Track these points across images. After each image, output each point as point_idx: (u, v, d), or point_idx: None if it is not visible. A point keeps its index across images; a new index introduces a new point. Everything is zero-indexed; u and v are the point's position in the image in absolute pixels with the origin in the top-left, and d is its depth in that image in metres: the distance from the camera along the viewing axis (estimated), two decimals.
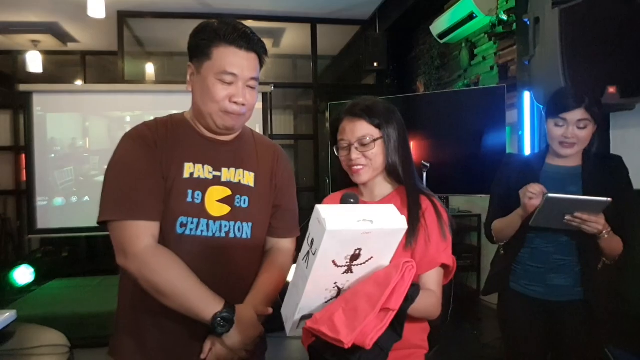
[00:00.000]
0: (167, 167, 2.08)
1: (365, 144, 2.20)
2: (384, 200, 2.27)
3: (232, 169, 2.22)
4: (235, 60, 2.08)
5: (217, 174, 2.18)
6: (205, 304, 1.95)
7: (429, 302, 2.03)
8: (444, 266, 2.14)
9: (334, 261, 1.53)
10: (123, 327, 2.21)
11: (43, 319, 4.76)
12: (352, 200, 1.87)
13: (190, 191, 2.09)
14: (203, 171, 2.14)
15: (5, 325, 3.13)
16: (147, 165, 2.08)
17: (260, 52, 2.18)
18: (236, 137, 2.30)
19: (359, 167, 2.24)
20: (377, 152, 2.21)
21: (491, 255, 3.43)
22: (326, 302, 1.67)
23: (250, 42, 2.12)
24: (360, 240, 1.51)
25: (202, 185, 2.12)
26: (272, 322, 2.02)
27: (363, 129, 2.20)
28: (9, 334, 3.13)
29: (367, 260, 1.58)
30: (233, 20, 2.16)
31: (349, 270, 1.59)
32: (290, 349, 6.01)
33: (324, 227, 1.43)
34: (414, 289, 1.66)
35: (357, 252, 1.54)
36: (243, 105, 2.12)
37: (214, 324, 1.91)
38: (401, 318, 1.63)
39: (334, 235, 1.45)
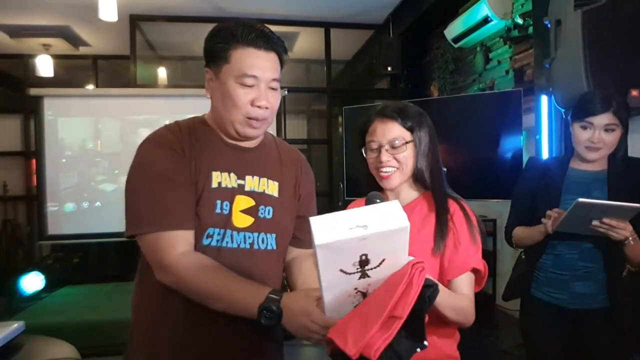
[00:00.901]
0: (196, 174, 2.02)
1: (396, 147, 2.17)
2: (410, 206, 2.23)
3: (256, 178, 2.15)
4: (255, 62, 2.00)
5: (242, 182, 2.12)
6: (250, 296, 1.82)
7: (461, 304, 2.01)
8: (475, 271, 2.12)
9: (342, 270, 1.49)
10: (138, 344, 2.13)
11: (53, 328, 4.73)
12: (377, 201, 1.84)
13: (219, 202, 2.03)
14: (230, 180, 2.08)
15: (14, 337, 3.08)
16: (178, 173, 2.00)
17: (280, 51, 2.10)
18: (259, 144, 2.24)
19: (389, 171, 2.20)
20: (408, 156, 2.18)
21: (507, 260, 3.40)
22: (355, 306, 1.61)
23: (270, 42, 2.04)
24: (360, 246, 1.45)
25: (230, 194, 2.06)
26: (288, 330, 1.93)
27: (395, 131, 2.18)
28: (17, 346, 3.09)
29: (380, 263, 1.52)
30: (250, 21, 2.08)
31: (364, 275, 1.53)
32: (306, 356, 5.96)
33: (314, 242, 1.41)
34: (432, 290, 1.58)
35: (364, 257, 1.48)
36: (267, 108, 2.04)
37: (260, 317, 1.78)
38: (418, 324, 1.53)
39: (326, 248, 1.42)
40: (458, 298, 2.03)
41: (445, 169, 4.27)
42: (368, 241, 1.43)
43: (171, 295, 1.98)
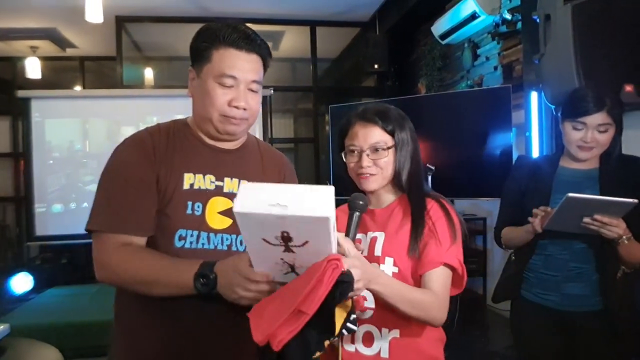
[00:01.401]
0: (166, 177, 2.02)
1: (378, 152, 2.13)
2: (389, 208, 2.22)
3: (235, 180, 2.16)
4: (235, 63, 2.02)
5: (220, 184, 2.13)
6: (185, 270, 1.85)
7: (419, 298, 1.91)
8: (451, 269, 2.03)
9: (264, 239, 1.52)
10: (121, 352, 2.16)
11: (39, 330, 4.70)
12: (360, 202, 1.89)
13: (190, 203, 2.04)
14: (204, 181, 2.09)
15: None
16: (139, 174, 2.02)
17: (263, 54, 2.12)
18: (241, 145, 2.25)
19: (368, 175, 2.15)
20: (389, 161, 2.14)
21: (498, 259, 3.38)
22: (286, 274, 1.65)
23: (252, 43, 2.05)
24: (280, 223, 1.46)
25: (203, 196, 2.07)
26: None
27: (376, 135, 2.13)
28: (1, 349, 3.06)
29: (303, 244, 1.52)
30: (235, 22, 2.10)
31: (289, 249, 1.55)
32: None
33: (233, 206, 1.46)
34: (345, 286, 1.56)
35: (285, 234, 1.49)
36: (244, 109, 2.05)
37: (195, 285, 1.81)
38: (327, 318, 1.56)
39: (244, 216, 1.46)
40: (414, 291, 1.95)
41: (433, 168, 4.21)
42: (287, 221, 1.44)
43: (148, 306, 2.01)
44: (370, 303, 2.05)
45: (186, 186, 2.05)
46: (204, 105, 2.06)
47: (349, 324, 1.64)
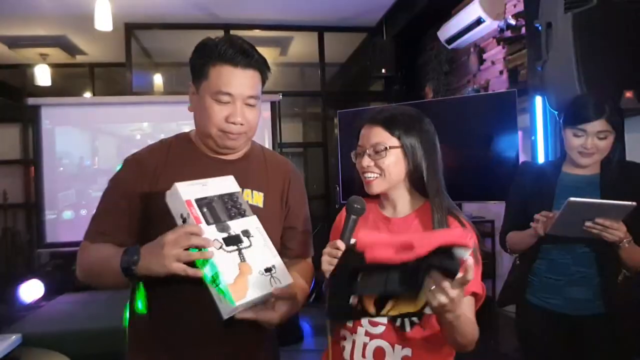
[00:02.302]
0: (162, 193, 2.02)
1: (378, 152, 2.08)
2: (408, 219, 2.16)
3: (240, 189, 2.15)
4: (231, 79, 2.06)
5: None
6: (115, 255, 1.92)
7: (468, 324, 1.90)
8: (474, 294, 2.01)
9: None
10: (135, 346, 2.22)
11: (51, 336, 4.73)
12: (357, 205, 1.96)
13: None
14: None
15: (10, 350, 3.10)
16: (130, 192, 2.12)
17: (261, 68, 2.15)
18: (244, 155, 2.29)
19: (371, 177, 2.12)
20: (390, 162, 2.08)
21: (506, 261, 3.39)
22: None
23: (248, 59, 2.08)
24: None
25: None
26: (287, 336, 1.99)
27: (377, 136, 2.09)
28: (14, 359, 3.09)
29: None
30: (233, 36, 2.14)
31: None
32: None
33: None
34: (449, 261, 1.53)
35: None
36: (242, 124, 2.09)
37: (122, 266, 1.88)
38: (414, 278, 1.53)
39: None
40: (469, 321, 1.91)
41: None
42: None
43: (158, 300, 2.11)
44: (381, 318, 1.98)
45: None
46: (203, 121, 2.10)
47: (408, 318, 1.78)
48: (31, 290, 7.63)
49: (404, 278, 1.53)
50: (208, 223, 1.86)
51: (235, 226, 1.91)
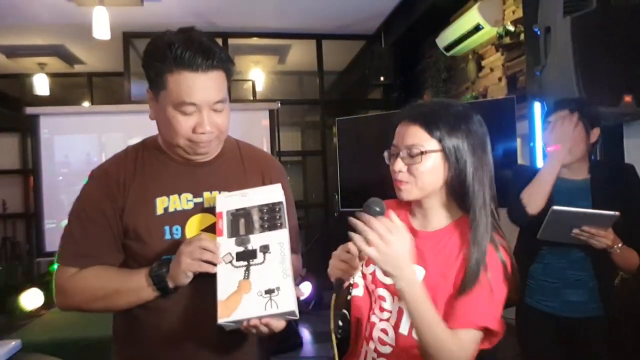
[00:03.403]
0: (135, 206, 1.98)
1: (413, 155, 1.78)
2: (438, 234, 1.87)
3: (215, 192, 2.05)
4: (192, 88, 1.85)
5: (199, 200, 2.05)
6: (138, 272, 1.91)
7: (441, 336, 1.65)
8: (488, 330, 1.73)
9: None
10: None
11: (51, 345, 4.72)
12: (376, 208, 1.66)
13: (167, 227, 1.99)
14: (180, 202, 2.02)
15: (10, 356, 3.09)
16: (98, 207, 2.00)
17: (224, 66, 1.94)
18: (218, 154, 2.13)
19: (402, 182, 1.83)
20: (426, 169, 1.78)
21: None
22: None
23: (209, 59, 1.87)
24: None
25: (180, 218, 2.01)
26: (286, 343, 1.97)
27: (414, 137, 1.79)
28: None
29: None
30: (188, 32, 1.96)
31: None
32: None
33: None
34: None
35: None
36: (211, 132, 1.93)
37: (152, 278, 1.86)
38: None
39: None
40: (444, 328, 1.67)
41: None
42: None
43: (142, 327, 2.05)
44: (390, 339, 1.82)
45: (159, 211, 1.99)
46: (169, 133, 1.95)
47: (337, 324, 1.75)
48: (31, 300, 7.64)
49: None
50: (229, 236, 1.85)
51: (256, 240, 1.84)
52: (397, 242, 1.59)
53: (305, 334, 6.95)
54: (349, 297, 1.88)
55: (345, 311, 1.88)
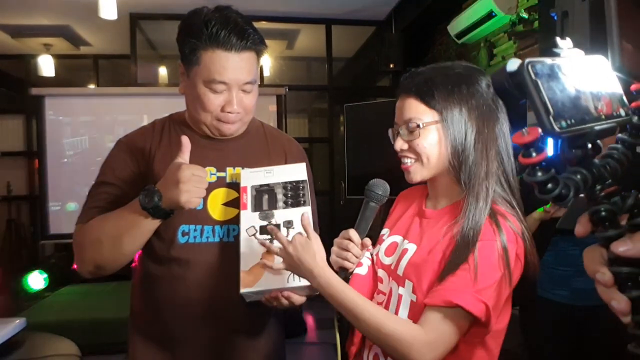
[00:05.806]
0: (160, 174, 1.98)
1: (411, 131, 1.65)
2: (442, 212, 1.74)
3: (239, 169, 2.11)
4: (226, 67, 1.92)
5: (222, 174, 2.11)
6: (128, 208, 1.90)
7: (389, 327, 1.51)
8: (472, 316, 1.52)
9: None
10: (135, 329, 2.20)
11: (56, 326, 4.72)
12: (377, 192, 1.83)
13: None
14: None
15: (15, 334, 3.07)
16: (117, 175, 2.07)
17: (257, 48, 2.00)
18: (243, 132, 2.19)
19: (407, 163, 1.70)
20: (428, 144, 1.65)
21: None
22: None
23: (243, 39, 1.93)
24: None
25: None
26: (291, 329, 1.95)
27: (411, 110, 1.66)
28: (18, 342, 3.09)
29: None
30: (225, 11, 1.99)
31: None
32: (309, 355, 5.93)
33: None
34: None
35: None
36: (238, 113, 2.00)
37: (142, 204, 1.82)
38: None
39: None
40: (387, 317, 1.55)
41: None
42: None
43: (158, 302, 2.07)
44: None
45: None
46: (196, 109, 2.01)
47: None
48: (35, 282, 7.66)
49: None
50: (253, 210, 1.92)
51: (280, 216, 1.91)
52: (300, 252, 1.63)
53: (310, 320, 6.96)
54: (349, 276, 1.84)
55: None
